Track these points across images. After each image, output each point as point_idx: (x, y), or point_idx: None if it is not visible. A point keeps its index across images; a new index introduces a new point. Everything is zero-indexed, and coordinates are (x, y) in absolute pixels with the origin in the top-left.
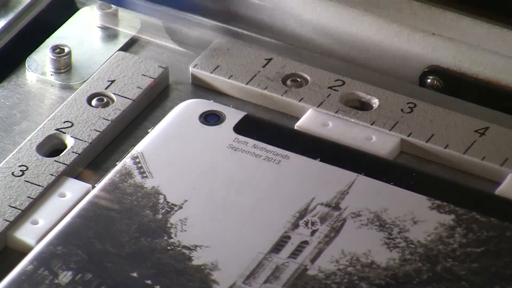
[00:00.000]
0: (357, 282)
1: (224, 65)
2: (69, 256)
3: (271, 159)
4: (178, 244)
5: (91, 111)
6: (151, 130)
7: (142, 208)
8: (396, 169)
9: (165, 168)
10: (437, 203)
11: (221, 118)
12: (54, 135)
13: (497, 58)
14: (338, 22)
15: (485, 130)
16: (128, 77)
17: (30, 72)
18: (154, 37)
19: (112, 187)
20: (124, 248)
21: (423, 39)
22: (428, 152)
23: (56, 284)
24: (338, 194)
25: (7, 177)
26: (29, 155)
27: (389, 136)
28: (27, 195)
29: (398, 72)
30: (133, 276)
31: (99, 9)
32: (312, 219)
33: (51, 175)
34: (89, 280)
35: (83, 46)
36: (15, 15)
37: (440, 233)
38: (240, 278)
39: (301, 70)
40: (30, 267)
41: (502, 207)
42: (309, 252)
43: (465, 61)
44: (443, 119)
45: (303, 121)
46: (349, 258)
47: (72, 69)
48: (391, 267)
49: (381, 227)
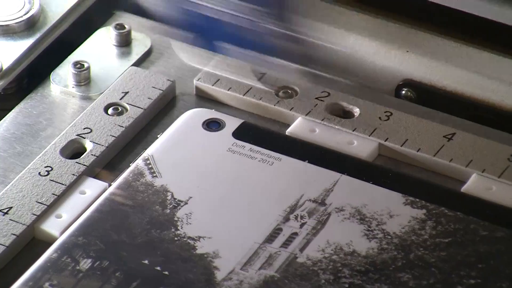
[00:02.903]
0: (340, 269)
1: (224, 78)
2: (88, 246)
3: (265, 161)
4: (184, 235)
5: (107, 119)
6: (160, 136)
7: (152, 203)
8: (375, 170)
9: (172, 168)
10: (410, 199)
11: (221, 125)
12: (75, 140)
13: (462, 72)
14: (323, 40)
15: (452, 135)
16: (140, 89)
17: (54, 84)
18: (162, 54)
19: (126, 185)
20: (137, 239)
21: (398, 56)
22: (402, 155)
23: (77, 270)
24: (324, 192)
25: (34, 176)
26: (53, 157)
27: (368, 141)
28: (52, 192)
29: (376, 84)
30: (145, 263)
31: (114, 29)
32: (301, 213)
33: (72, 175)
34: (106, 267)
35: (101, 62)
36: (41, 34)
37: (413, 226)
38: (238, 265)
39: (292, 83)
40: (55, 255)
41: (467, 203)
42: (299, 242)
43: (435, 75)
44: (416, 126)
45: (293, 127)
46: (333, 247)
47: (91, 82)
48: (370, 255)
49: (361, 220)
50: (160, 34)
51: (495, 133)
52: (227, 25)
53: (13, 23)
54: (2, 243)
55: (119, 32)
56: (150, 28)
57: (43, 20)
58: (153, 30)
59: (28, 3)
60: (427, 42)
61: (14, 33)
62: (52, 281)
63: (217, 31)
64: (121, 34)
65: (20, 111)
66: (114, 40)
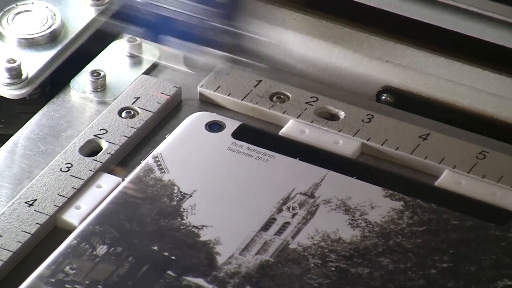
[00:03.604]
0: (327, 254)
1: (224, 85)
2: (104, 234)
3: (261, 159)
4: (189, 224)
5: (121, 121)
6: (168, 136)
7: (161, 196)
8: (358, 166)
9: (178, 165)
10: (390, 192)
11: (222, 126)
12: (93, 140)
13: (436, 80)
14: (313, 52)
15: (427, 136)
16: (149, 95)
17: (74, 91)
18: (170, 63)
19: (138, 180)
20: (147, 227)
21: (379, 65)
22: (383, 153)
23: (94, 255)
24: (313, 186)
25: (56, 172)
26: (73, 155)
27: (352, 140)
28: (72, 186)
29: (360, 90)
30: (154, 249)
31: (128, 41)
32: (293, 205)
33: (90, 170)
34: (120, 252)
35: (115, 70)
36: (62, 46)
37: (392, 216)
38: (237, 251)
39: (284, 89)
40: (75, 242)
41: (440, 196)
42: (291, 230)
43: (412, 83)
44: (394, 127)
45: (285, 129)
46: (321, 235)
47: (106, 88)
48: (354, 242)
49: (346, 211)
50: (168, 46)
51: (465, 134)
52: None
53: (38, 36)
54: (27, 231)
55: (131, 44)
56: None
57: (64, 33)
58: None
59: (50, 18)
60: (404, 53)
61: (39, 45)
62: (72, 265)
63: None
64: (133, 46)
65: (44, 114)
66: (127, 51)
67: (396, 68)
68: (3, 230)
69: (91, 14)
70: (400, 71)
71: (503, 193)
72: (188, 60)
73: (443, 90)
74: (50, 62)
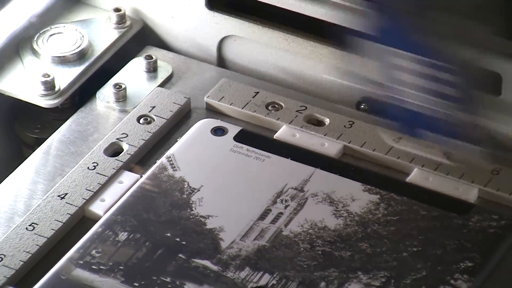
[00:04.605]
0: (315, 239)
1: (227, 96)
2: (125, 222)
3: (258, 158)
4: (197, 214)
5: (139, 126)
6: (179, 139)
7: (173, 190)
8: (341, 165)
9: (188, 164)
10: (368, 187)
11: (225, 131)
12: (115, 142)
13: None
14: (302, 68)
15: (399, 139)
16: (164, 104)
17: (99, 101)
18: (181, 78)
19: (153, 177)
20: (161, 217)
21: (358, 79)
22: (362, 153)
23: (116, 240)
24: (302, 181)
25: (84, 170)
26: (98, 155)
27: (336, 143)
28: (97, 182)
29: (342, 101)
30: (167, 235)
31: (145, 59)
32: (285, 198)
33: (113, 169)
34: (138, 238)
35: (134, 84)
36: (89, 63)
37: (369, 207)
38: (238, 237)
39: (278, 99)
40: (100, 230)
41: (410, 190)
42: (284, 219)
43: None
44: (372, 132)
45: (279, 133)
46: (310, 223)
47: (127, 99)
48: (337, 230)
49: (331, 203)
50: (179, 63)
51: (432, 137)
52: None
53: (69, 55)
54: (59, 220)
55: (148, 61)
56: (171, 58)
57: (91, 52)
58: (173, 60)
59: (79, 39)
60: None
61: (69, 62)
62: (97, 249)
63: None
64: (149, 63)
65: (74, 121)
66: (144, 67)
67: (372, 83)
68: (39, 220)
69: (114, 36)
70: (375, 84)
71: (464, 188)
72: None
73: None
74: (79, 77)
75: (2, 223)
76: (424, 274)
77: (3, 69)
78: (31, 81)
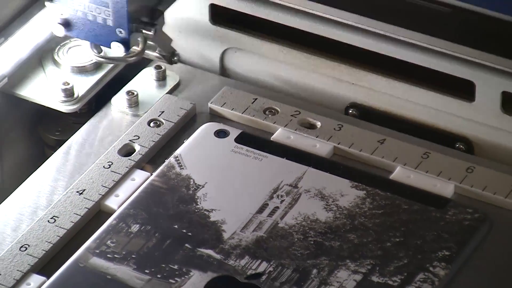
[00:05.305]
0: (307, 231)
1: (229, 102)
2: (137, 215)
3: (257, 158)
4: (202, 208)
5: (149, 129)
6: (185, 141)
7: (180, 187)
8: (331, 164)
9: (194, 163)
10: (355, 184)
11: (227, 133)
12: (128, 144)
13: (390, 97)
14: (296, 77)
15: (384, 140)
16: (171, 109)
17: (114, 106)
18: (187, 86)
19: (162, 175)
20: (169, 211)
21: (347, 86)
22: (350, 153)
23: (129, 232)
24: (297, 179)
25: (100, 168)
26: (113, 156)
27: (327, 144)
28: (112, 179)
29: (332, 106)
30: (175, 227)
31: (154, 69)
32: (281, 193)
33: (126, 167)
34: (149, 230)
35: (145, 91)
36: (105, 72)
37: (357, 202)
38: (238, 229)
39: (275, 105)
40: (114, 222)
41: (394, 187)
42: (279, 213)
43: (372, 100)
44: (359, 134)
45: (276, 135)
46: (303, 216)
47: (138, 104)
48: (328, 222)
49: (322, 198)
50: (185, 72)
51: (413, 139)
52: None
53: (86, 65)
54: (78, 213)
55: (157, 71)
56: (179, 68)
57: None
58: (180, 69)
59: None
60: (365, 77)
61: (87, 71)
62: (112, 239)
63: None
64: (159, 72)
65: (91, 124)
66: (154, 76)
67: (360, 89)
68: (59, 213)
69: None
70: (363, 91)
71: (441, 184)
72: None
73: (396, 105)
74: (96, 84)
75: (27, 216)
76: (406, 262)
77: (27, 78)
78: (53, 88)
